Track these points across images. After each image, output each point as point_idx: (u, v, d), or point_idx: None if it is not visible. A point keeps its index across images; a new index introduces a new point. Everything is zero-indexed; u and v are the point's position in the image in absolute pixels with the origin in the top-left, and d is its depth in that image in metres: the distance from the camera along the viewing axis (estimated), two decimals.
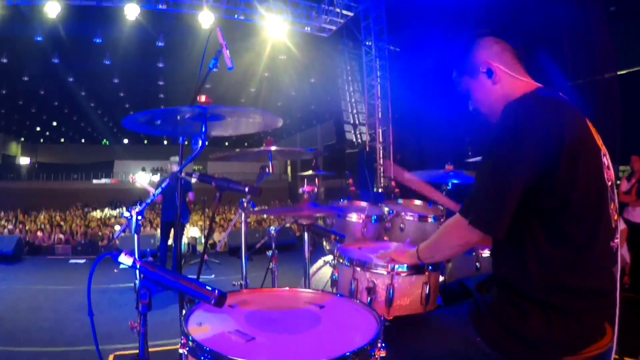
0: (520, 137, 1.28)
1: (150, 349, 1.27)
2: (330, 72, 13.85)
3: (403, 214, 2.58)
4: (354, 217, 2.59)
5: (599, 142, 1.40)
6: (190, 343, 1.16)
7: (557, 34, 7.00)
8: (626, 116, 6.78)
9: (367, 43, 11.80)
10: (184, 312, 1.36)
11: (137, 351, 1.23)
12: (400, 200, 2.99)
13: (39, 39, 14.02)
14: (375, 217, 2.59)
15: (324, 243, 2.77)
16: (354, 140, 13.13)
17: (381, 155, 11.63)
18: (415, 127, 10.10)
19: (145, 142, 41.47)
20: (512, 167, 1.29)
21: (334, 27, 12.37)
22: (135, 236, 1.54)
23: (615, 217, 1.41)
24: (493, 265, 1.51)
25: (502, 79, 1.48)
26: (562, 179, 1.28)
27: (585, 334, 1.35)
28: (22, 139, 38.65)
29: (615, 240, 1.40)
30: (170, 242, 7.19)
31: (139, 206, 1.53)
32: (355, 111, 13.30)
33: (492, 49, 1.50)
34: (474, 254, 2.31)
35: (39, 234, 14.35)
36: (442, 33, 8.26)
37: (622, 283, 1.39)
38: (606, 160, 1.41)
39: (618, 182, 6.24)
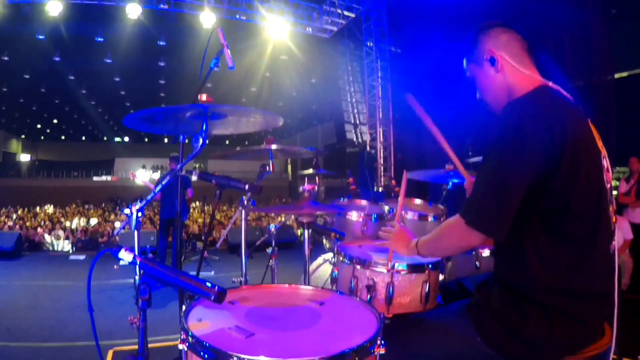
0: (522, 137, 1.27)
1: (149, 345, 1.27)
2: (331, 73, 13.88)
3: (403, 212, 2.58)
4: (354, 216, 2.59)
5: (600, 144, 1.40)
6: (190, 339, 1.17)
7: (556, 35, 7.01)
8: (623, 118, 6.79)
9: (368, 44, 11.82)
10: (183, 308, 1.36)
11: (137, 347, 1.23)
12: None
13: (40, 37, 14.05)
14: (375, 215, 2.60)
15: (324, 241, 2.77)
16: (355, 140, 13.15)
17: (382, 155, 11.65)
18: (416, 127, 10.10)
19: (146, 140, 41.48)
20: (514, 168, 1.27)
21: (335, 28, 12.39)
22: (135, 233, 1.54)
23: (614, 220, 1.41)
24: (494, 265, 1.51)
25: (505, 68, 1.47)
26: (563, 179, 1.27)
27: (585, 335, 1.35)
28: (23, 137, 38.68)
29: (614, 242, 1.40)
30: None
31: (139, 203, 1.53)
32: (356, 111, 13.32)
33: (498, 38, 1.49)
34: (473, 253, 2.31)
35: (39, 230, 14.35)
36: (443, 34, 8.27)
37: (620, 284, 1.39)
38: (606, 162, 1.40)
39: (617, 183, 6.25)
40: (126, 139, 41.33)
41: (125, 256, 1.18)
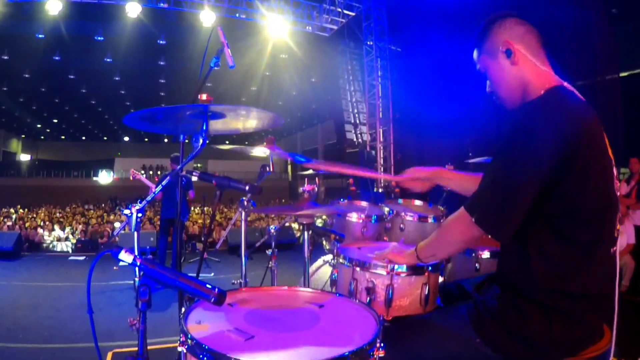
0: (536, 142, 1.24)
1: (149, 347, 1.26)
2: (331, 72, 13.86)
3: (403, 214, 2.58)
4: (353, 217, 2.58)
5: (610, 151, 1.38)
6: (190, 341, 1.16)
7: (558, 35, 6.99)
8: (626, 118, 6.76)
9: (368, 43, 11.80)
10: (183, 310, 1.36)
11: (136, 349, 1.22)
12: (401, 201, 2.98)
13: (40, 36, 14.05)
14: (375, 217, 2.59)
15: (324, 242, 2.77)
16: (355, 139, 13.14)
17: (382, 155, 11.64)
18: (416, 127, 10.10)
19: (146, 140, 41.48)
20: (526, 173, 1.25)
21: (335, 27, 12.38)
22: (135, 233, 1.54)
23: (618, 227, 1.40)
24: (498, 264, 1.51)
25: (521, 61, 1.43)
26: (573, 185, 1.26)
27: (585, 336, 1.35)
28: (23, 136, 38.68)
29: (615, 247, 1.39)
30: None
31: (139, 203, 1.53)
32: (356, 111, 13.31)
33: (514, 29, 1.45)
34: (473, 254, 2.30)
35: (39, 230, 14.34)
36: (444, 33, 8.26)
37: (620, 286, 1.39)
38: (615, 170, 1.39)
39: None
40: (126, 138, 41.33)
41: (125, 257, 1.18)
